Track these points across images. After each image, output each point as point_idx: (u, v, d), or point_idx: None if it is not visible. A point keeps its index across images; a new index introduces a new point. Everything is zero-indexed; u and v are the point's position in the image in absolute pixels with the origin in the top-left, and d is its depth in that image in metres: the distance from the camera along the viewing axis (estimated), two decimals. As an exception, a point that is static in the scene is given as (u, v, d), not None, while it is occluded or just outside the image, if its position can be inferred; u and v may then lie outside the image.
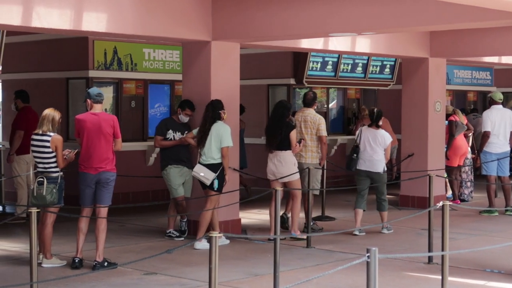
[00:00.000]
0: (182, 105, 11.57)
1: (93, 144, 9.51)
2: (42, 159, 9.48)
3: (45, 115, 9.60)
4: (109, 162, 9.54)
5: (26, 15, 9.58)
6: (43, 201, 9.28)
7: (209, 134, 10.83)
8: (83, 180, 9.56)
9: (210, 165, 10.80)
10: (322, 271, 9.02)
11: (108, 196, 9.59)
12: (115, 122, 9.61)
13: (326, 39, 13.12)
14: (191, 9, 11.29)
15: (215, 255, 5.97)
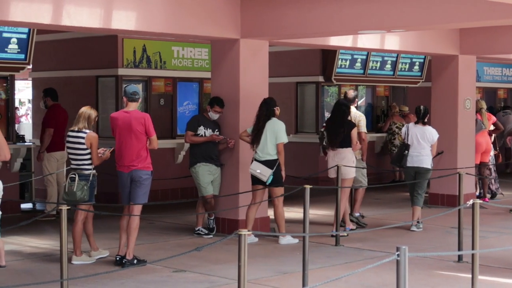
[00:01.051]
0: (212, 102, 11.57)
1: (124, 142, 9.54)
2: (76, 156, 9.57)
3: (81, 112, 9.71)
4: (142, 160, 9.51)
5: (56, 14, 9.65)
6: (73, 198, 9.35)
7: (264, 131, 10.92)
8: (119, 178, 9.64)
9: (266, 161, 10.92)
10: (351, 269, 9.01)
11: (142, 195, 9.55)
12: (146, 120, 9.55)
13: (355, 36, 13.09)
14: (220, 7, 11.30)
15: (244, 252, 5.97)
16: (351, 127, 11.68)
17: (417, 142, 12.27)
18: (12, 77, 13.36)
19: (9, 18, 9.33)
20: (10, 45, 12.83)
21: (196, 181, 11.50)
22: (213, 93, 12.07)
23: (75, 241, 9.64)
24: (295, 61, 17.66)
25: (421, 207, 12.40)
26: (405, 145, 12.37)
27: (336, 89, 17.96)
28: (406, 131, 12.43)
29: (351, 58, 17.56)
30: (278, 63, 16.97)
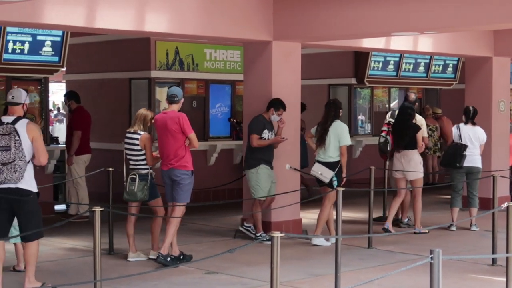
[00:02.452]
0: (278, 105, 11.26)
1: (162, 141, 9.78)
2: (132, 157, 9.90)
3: (137, 114, 10.02)
4: (179, 159, 9.69)
5: (90, 17, 9.72)
6: (135, 198, 9.74)
7: (328, 132, 10.97)
8: (162, 177, 9.88)
9: (328, 163, 10.96)
10: (384, 272, 8.97)
11: (181, 194, 9.75)
12: (181, 119, 9.66)
13: (388, 38, 13.04)
14: (253, 9, 11.31)
15: (277, 255, 5.98)
16: (417, 129, 11.96)
17: (470, 142, 12.37)
18: (46, 80, 13.46)
19: (43, 21, 9.42)
20: (44, 47, 12.92)
21: (254, 183, 11.17)
22: (246, 95, 12.09)
23: (153, 237, 10.07)
24: (328, 63, 17.63)
25: (477, 207, 12.57)
26: (461, 145, 12.36)
27: (369, 91, 17.90)
28: (457, 132, 12.47)
29: (383, 60, 17.49)
30: (311, 65, 16.94)
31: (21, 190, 8.04)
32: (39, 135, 8.10)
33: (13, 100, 8.23)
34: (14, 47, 12.59)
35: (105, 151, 14.77)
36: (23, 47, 12.69)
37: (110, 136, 14.97)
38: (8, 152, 7.91)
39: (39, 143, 8.09)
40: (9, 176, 7.93)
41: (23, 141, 7.96)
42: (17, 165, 7.90)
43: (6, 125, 7.98)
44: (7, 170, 7.91)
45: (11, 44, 12.54)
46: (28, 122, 8.12)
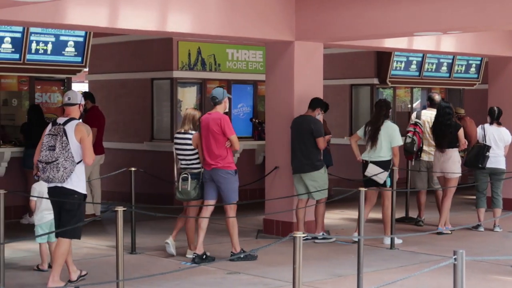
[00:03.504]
0: (324, 105, 11.48)
1: (205, 142, 9.95)
2: (184, 156, 10.06)
3: (186, 114, 10.19)
4: (221, 159, 9.88)
5: (113, 17, 9.76)
6: (188, 196, 9.97)
7: (379, 132, 11.06)
8: (203, 175, 10.04)
9: (379, 162, 11.09)
10: (406, 272, 8.94)
11: (228, 194, 9.96)
12: (222, 120, 9.87)
13: (411, 38, 12.99)
14: (275, 9, 11.30)
15: (299, 255, 5.96)
16: (458, 127, 12.00)
17: (494, 143, 12.36)
18: (69, 80, 13.54)
19: (66, 22, 9.45)
20: (67, 48, 13.00)
21: (323, 183, 11.18)
22: (268, 95, 12.08)
23: (188, 237, 10.18)
24: (350, 63, 17.58)
25: (501, 209, 12.59)
26: (485, 146, 12.34)
27: (391, 91, 17.84)
28: (482, 132, 12.45)
29: (406, 60, 17.42)
30: (333, 65, 16.91)
31: (66, 190, 8.24)
32: (86, 136, 8.25)
33: (69, 101, 8.45)
34: (38, 48, 12.67)
35: (127, 151, 14.83)
36: (46, 47, 12.77)
37: (132, 136, 15.02)
38: (53, 152, 8.14)
39: (85, 144, 8.24)
40: (52, 175, 8.12)
41: (70, 142, 8.16)
42: (60, 165, 8.09)
43: (57, 125, 8.25)
44: (50, 168, 8.11)
45: (35, 45, 12.63)
46: (77, 124, 8.29)
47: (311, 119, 11.16)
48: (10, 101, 13.05)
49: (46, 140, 8.24)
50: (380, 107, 11.29)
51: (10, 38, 12.36)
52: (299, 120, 11.27)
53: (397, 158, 11.19)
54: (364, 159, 11.23)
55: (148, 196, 13.99)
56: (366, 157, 11.21)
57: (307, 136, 11.09)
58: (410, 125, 12.59)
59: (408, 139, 12.43)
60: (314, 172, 11.09)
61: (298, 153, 11.21)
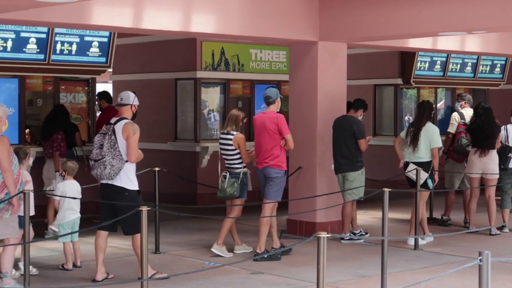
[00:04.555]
0: (366, 106, 11.61)
1: (259, 140, 10.20)
2: (226, 156, 10.30)
3: (230, 115, 10.40)
4: (274, 158, 10.07)
5: (137, 18, 9.80)
6: (225, 194, 10.14)
7: (420, 133, 11.14)
8: (257, 174, 10.29)
9: (419, 163, 11.14)
10: (430, 274, 8.91)
11: (273, 192, 10.14)
12: (279, 119, 10.06)
13: (435, 38, 12.94)
14: (298, 9, 11.29)
15: (323, 255, 5.96)
16: (499, 129, 12.06)
17: None
18: (93, 80, 13.60)
19: (91, 22, 9.51)
20: (92, 48, 13.06)
21: (360, 183, 11.28)
22: (291, 96, 12.07)
23: (221, 232, 10.31)
24: (373, 64, 17.54)
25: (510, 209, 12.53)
26: (507, 147, 12.32)
27: (415, 91, 17.77)
28: (505, 133, 12.39)
29: (430, 60, 17.35)
30: (356, 66, 16.87)
31: (116, 187, 8.51)
32: (132, 134, 8.46)
33: (121, 101, 8.73)
34: (62, 48, 12.74)
35: (151, 151, 14.86)
36: (70, 48, 12.84)
37: (155, 137, 15.07)
38: (100, 150, 8.48)
39: (130, 142, 8.46)
40: (99, 172, 8.45)
41: (118, 141, 8.44)
42: (107, 162, 8.38)
43: (109, 125, 8.57)
44: (98, 166, 8.44)
45: (59, 45, 12.69)
46: (125, 123, 8.52)
47: (353, 120, 11.30)
48: (35, 101, 13.13)
49: (97, 139, 8.59)
50: (423, 108, 11.37)
51: (35, 38, 12.44)
52: (341, 120, 11.40)
53: (436, 160, 11.23)
54: (405, 160, 11.30)
55: (172, 196, 14.02)
56: (406, 158, 11.27)
57: (349, 137, 11.20)
58: (460, 125, 12.52)
59: (464, 140, 12.37)
60: (351, 172, 11.20)
61: (338, 153, 11.34)
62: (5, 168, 7.98)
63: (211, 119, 14.81)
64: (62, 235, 9.10)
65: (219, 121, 14.85)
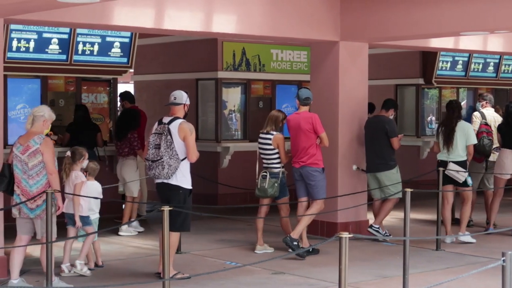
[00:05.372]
0: (396, 105, 11.79)
1: (295, 140, 10.38)
2: (265, 156, 10.42)
3: (270, 115, 10.54)
4: (310, 157, 10.26)
5: (158, 18, 9.82)
6: (265, 194, 10.27)
7: (455, 133, 11.21)
8: (293, 173, 10.42)
9: (458, 162, 11.23)
10: (453, 274, 8.86)
11: (317, 190, 10.33)
12: (313, 119, 10.27)
13: (457, 38, 12.87)
14: (320, 9, 11.28)
15: (345, 256, 5.95)
16: None
17: None
18: (115, 81, 13.63)
19: (113, 23, 9.54)
20: (113, 49, 13.10)
21: (393, 181, 11.37)
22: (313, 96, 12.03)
23: (257, 232, 10.50)
24: (395, 63, 17.47)
25: None
26: None
27: (437, 91, 17.70)
28: None
29: (452, 60, 17.27)
30: (378, 65, 16.81)
31: (171, 186, 8.68)
32: (189, 134, 8.62)
33: (175, 101, 8.86)
34: (84, 49, 12.79)
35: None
36: (92, 48, 12.89)
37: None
38: (158, 150, 8.60)
39: (188, 142, 8.62)
40: (157, 172, 8.60)
41: (174, 140, 8.58)
42: (165, 162, 8.53)
43: (162, 125, 8.68)
44: (156, 166, 8.58)
45: (81, 46, 12.75)
46: (181, 122, 8.65)
47: (385, 119, 11.47)
48: (57, 101, 13.19)
49: (152, 139, 8.69)
50: (452, 109, 11.43)
51: (57, 39, 12.50)
52: (373, 120, 11.62)
53: (471, 157, 11.35)
54: (440, 159, 11.33)
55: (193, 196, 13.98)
56: (442, 157, 11.30)
57: (382, 136, 11.35)
58: (482, 125, 12.47)
59: (486, 140, 12.25)
60: (387, 171, 11.33)
61: (371, 152, 11.45)
62: (52, 171, 8.19)
63: (232, 119, 14.81)
64: (82, 235, 9.13)
65: (240, 122, 14.85)
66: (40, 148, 8.17)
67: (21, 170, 8.23)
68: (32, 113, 8.32)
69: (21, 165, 8.22)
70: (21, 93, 12.54)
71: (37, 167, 8.20)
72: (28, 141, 8.22)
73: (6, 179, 8.29)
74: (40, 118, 8.27)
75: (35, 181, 8.20)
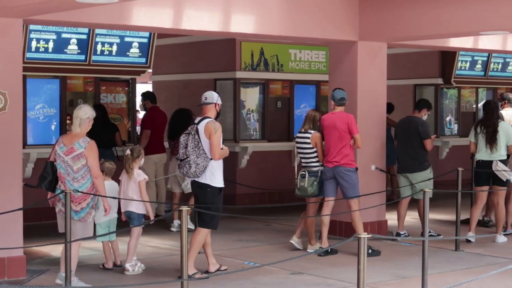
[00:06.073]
0: (430, 106, 11.81)
1: (329, 140, 10.42)
2: (304, 155, 10.52)
3: (307, 115, 10.66)
4: (344, 157, 10.31)
5: (177, 18, 9.83)
6: (305, 193, 10.40)
7: (497, 134, 11.30)
8: (324, 173, 10.46)
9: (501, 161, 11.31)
10: (472, 275, 8.82)
11: (352, 189, 10.38)
12: (349, 119, 10.35)
13: (476, 37, 12.81)
14: (338, 9, 11.25)
15: (364, 256, 5.93)
16: None
17: None
18: (133, 81, 13.66)
19: (131, 23, 9.56)
20: (132, 49, 13.13)
21: (426, 183, 11.38)
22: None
23: (309, 232, 10.58)
24: (413, 63, 17.42)
25: None
26: None
27: (456, 91, 17.63)
28: None
29: (471, 59, 17.20)
30: (396, 65, 16.77)
31: (199, 184, 8.84)
32: (214, 132, 8.77)
33: (206, 100, 9.09)
34: (103, 49, 12.83)
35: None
36: (111, 48, 12.92)
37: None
38: (185, 150, 8.81)
39: (211, 140, 8.77)
40: (185, 171, 8.80)
41: (202, 140, 8.77)
42: (191, 161, 8.70)
43: (192, 125, 8.90)
44: (183, 165, 8.78)
45: (100, 46, 12.78)
46: (207, 121, 8.82)
47: (418, 120, 11.51)
48: (76, 101, 13.22)
49: (183, 138, 8.89)
50: (491, 110, 11.46)
51: (76, 39, 12.54)
52: (406, 121, 11.67)
53: None
54: (481, 159, 11.37)
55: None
56: (484, 157, 11.34)
57: (415, 137, 11.41)
58: None
59: None
60: (420, 172, 11.37)
61: (404, 153, 11.52)
62: (97, 174, 8.31)
63: (250, 119, 14.81)
64: (100, 235, 9.17)
65: (259, 122, 14.85)
66: (85, 152, 8.26)
67: (65, 170, 8.33)
68: (78, 117, 8.37)
69: (65, 166, 8.32)
70: (40, 93, 12.59)
71: (82, 170, 8.30)
72: (72, 143, 8.31)
73: (49, 177, 8.45)
74: (86, 120, 8.40)
75: (80, 184, 8.30)
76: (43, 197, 9.72)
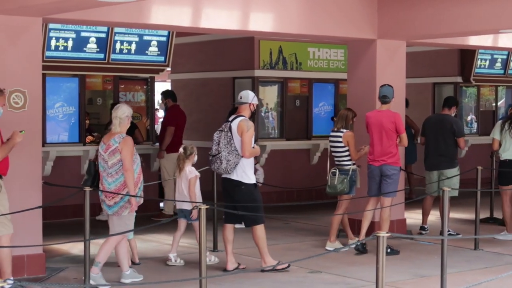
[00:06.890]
0: (458, 104, 11.96)
1: (375, 138, 10.43)
2: (336, 153, 10.60)
3: (340, 113, 10.75)
4: (391, 156, 10.34)
5: (195, 17, 9.85)
6: (335, 190, 10.47)
7: None
8: (369, 171, 10.57)
9: None
10: (491, 274, 8.78)
11: (391, 187, 10.39)
12: (396, 118, 10.37)
13: (496, 35, 12.75)
14: (357, 7, 11.23)
15: (383, 255, 5.91)
16: None
17: None
18: (152, 79, 13.69)
19: (150, 22, 9.58)
20: (151, 47, 13.16)
21: (453, 181, 11.46)
22: (350, 94, 12.03)
23: (332, 228, 10.60)
24: (432, 61, 17.36)
25: None
26: None
27: (475, 90, 17.56)
28: None
29: (490, 58, 17.12)
30: (415, 63, 16.72)
31: (232, 181, 9.04)
32: (246, 131, 8.95)
33: (241, 100, 9.23)
34: (121, 47, 12.87)
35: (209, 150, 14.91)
36: (130, 47, 12.96)
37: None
38: (217, 146, 9.08)
39: (243, 138, 8.96)
40: (216, 167, 9.04)
41: (234, 137, 8.99)
42: (223, 157, 8.94)
43: (226, 122, 9.14)
44: (215, 160, 9.03)
45: (119, 45, 12.83)
46: (240, 120, 9.00)
47: (452, 119, 11.63)
48: (95, 100, 13.28)
49: (216, 135, 9.18)
50: None
51: (95, 38, 12.58)
52: (437, 119, 11.80)
53: None
54: (508, 158, 11.44)
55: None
56: (510, 156, 11.42)
57: (448, 135, 11.49)
58: None
59: None
60: (450, 169, 11.46)
61: (435, 150, 11.57)
62: (127, 168, 8.38)
63: (268, 118, 14.81)
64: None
65: (277, 120, 14.84)
66: (119, 147, 8.38)
67: (103, 167, 8.52)
68: (118, 116, 8.50)
69: (103, 163, 8.51)
70: (59, 91, 12.65)
71: (116, 165, 8.42)
72: (109, 140, 8.49)
73: (90, 176, 8.99)
74: (125, 119, 8.55)
75: (114, 179, 8.44)
76: (62, 195, 9.78)
